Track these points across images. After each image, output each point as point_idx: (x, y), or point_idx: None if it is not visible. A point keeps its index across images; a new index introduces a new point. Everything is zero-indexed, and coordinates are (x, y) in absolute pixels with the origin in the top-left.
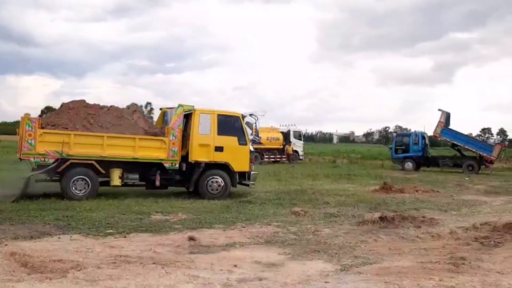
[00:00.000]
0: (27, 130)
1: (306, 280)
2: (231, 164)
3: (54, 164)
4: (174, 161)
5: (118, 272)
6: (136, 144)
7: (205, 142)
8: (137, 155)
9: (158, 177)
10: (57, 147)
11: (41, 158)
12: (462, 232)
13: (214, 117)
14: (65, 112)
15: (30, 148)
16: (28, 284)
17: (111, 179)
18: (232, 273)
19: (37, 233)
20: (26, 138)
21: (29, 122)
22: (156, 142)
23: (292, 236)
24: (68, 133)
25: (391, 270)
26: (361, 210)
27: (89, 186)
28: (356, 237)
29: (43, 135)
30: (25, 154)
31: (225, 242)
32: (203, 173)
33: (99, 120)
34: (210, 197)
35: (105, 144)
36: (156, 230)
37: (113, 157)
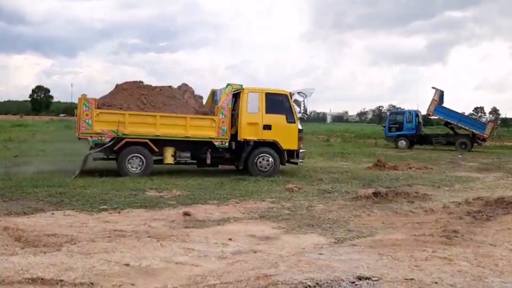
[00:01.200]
0: (84, 110)
1: (300, 252)
2: (279, 142)
3: (110, 143)
4: (223, 139)
5: (112, 245)
6: (187, 123)
7: (253, 121)
8: (188, 134)
9: (208, 155)
10: (112, 127)
11: (98, 137)
12: (455, 206)
13: (262, 95)
14: (119, 93)
15: (88, 128)
16: (22, 257)
17: (164, 157)
18: (227, 246)
19: (30, 209)
20: (84, 118)
21: (86, 103)
22: (206, 121)
23: (286, 211)
24: (123, 113)
25: (384, 243)
26: (355, 186)
27: (143, 163)
28: (350, 212)
29: (99, 115)
30: (83, 134)
31: (219, 217)
32: (252, 151)
33: (152, 100)
34: (260, 175)
35: (158, 123)
36: (151, 206)
37: (165, 136)
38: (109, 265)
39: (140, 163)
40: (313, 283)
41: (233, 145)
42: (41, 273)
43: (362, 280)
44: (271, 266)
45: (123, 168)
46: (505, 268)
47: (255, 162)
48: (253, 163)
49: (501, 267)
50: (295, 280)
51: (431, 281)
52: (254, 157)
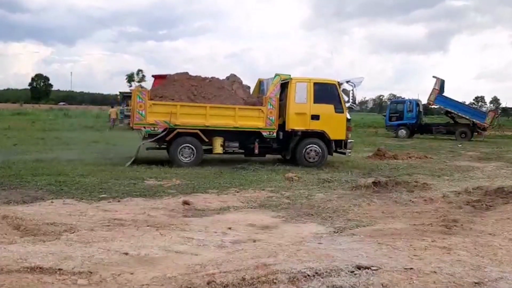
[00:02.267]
0: (138, 102)
1: (299, 241)
2: (327, 132)
3: (163, 133)
4: (271, 129)
5: (112, 234)
6: (236, 114)
7: (301, 111)
8: (237, 124)
9: (256, 145)
10: (165, 118)
11: (151, 127)
12: (455, 196)
13: (310, 85)
14: (171, 84)
15: (141, 119)
16: (21, 246)
17: (213, 147)
18: (226, 235)
19: (29, 197)
20: (138, 109)
21: (139, 94)
22: (255, 111)
23: (285, 200)
24: (175, 104)
25: (384, 232)
26: (355, 175)
27: (194, 153)
28: (350, 201)
29: (152, 106)
30: (136, 124)
31: (219, 206)
32: (299, 141)
33: (202, 91)
34: (308, 165)
35: (208, 114)
36: (150, 195)
37: (215, 126)
38: (108, 254)
39: (191, 153)
40: (312, 273)
41: (280, 135)
42: (40, 262)
43: (361, 270)
44: (270, 255)
45: (175, 158)
46: (504, 257)
47: (303, 152)
48: (301, 154)
49: (500, 257)
50: (294, 269)
51: (430, 271)
52: (302, 148)
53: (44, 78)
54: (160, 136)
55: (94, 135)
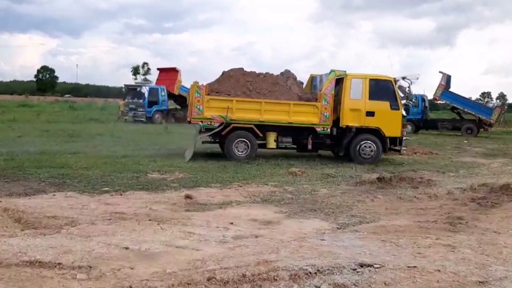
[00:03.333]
0: (196, 97)
1: (302, 237)
2: (382, 129)
3: (219, 128)
4: (325, 125)
5: (113, 228)
6: (291, 109)
7: (356, 107)
8: (291, 119)
9: (310, 141)
10: (221, 112)
11: (208, 122)
12: (460, 193)
13: (366, 81)
14: (226, 80)
15: (199, 113)
16: (21, 239)
17: (267, 142)
18: (228, 230)
19: (31, 190)
20: (195, 104)
21: (197, 90)
22: (309, 107)
23: (289, 195)
24: (231, 99)
25: (388, 229)
26: (359, 171)
27: (248, 148)
28: (353, 197)
29: (209, 101)
30: (194, 119)
31: (221, 201)
32: (354, 138)
33: (257, 86)
34: (362, 162)
35: (262, 109)
36: (153, 188)
37: (269, 122)
38: (108, 248)
39: (245, 147)
40: (314, 270)
41: (334, 131)
42: (40, 255)
43: (364, 268)
44: (272, 251)
45: (230, 152)
46: (509, 256)
47: (358, 149)
48: (355, 150)
49: (505, 255)
50: (296, 266)
51: (434, 269)
52: (356, 144)
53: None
54: (217, 131)
55: (99, 127)
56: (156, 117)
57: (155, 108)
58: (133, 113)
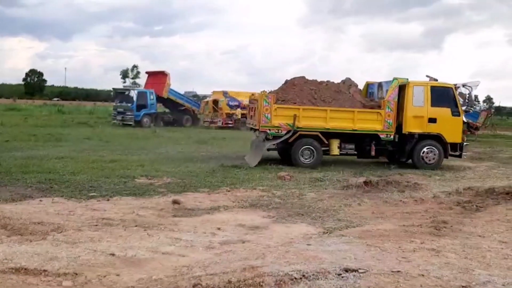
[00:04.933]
0: (264, 106)
1: (289, 242)
2: (443, 135)
3: (287, 135)
4: (389, 132)
5: (99, 234)
6: (355, 117)
7: (418, 114)
8: (355, 126)
9: (373, 147)
10: (288, 120)
11: (275, 130)
12: (445, 196)
13: (427, 89)
14: (290, 88)
15: (267, 121)
16: (7, 246)
17: (330, 149)
18: (215, 236)
19: (18, 195)
20: (264, 113)
21: (266, 98)
22: (373, 114)
23: (277, 200)
24: (298, 108)
25: (373, 233)
26: (347, 175)
27: (314, 155)
28: (340, 201)
29: (277, 109)
30: (263, 127)
31: (209, 206)
32: (416, 144)
33: (321, 94)
34: (425, 168)
35: (328, 117)
36: (140, 194)
37: (335, 129)
38: (95, 255)
39: (311, 154)
40: (299, 275)
41: (395, 138)
42: (25, 262)
43: (348, 272)
44: (258, 257)
45: (296, 159)
46: (492, 260)
47: (421, 155)
48: (418, 156)
49: (488, 259)
50: (282, 271)
51: (417, 274)
52: (419, 150)
53: (38, 73)
54: (284, 138)
55: (87, 131)
56: (145, 121)
57: (143, 111)
58: (122, 117)
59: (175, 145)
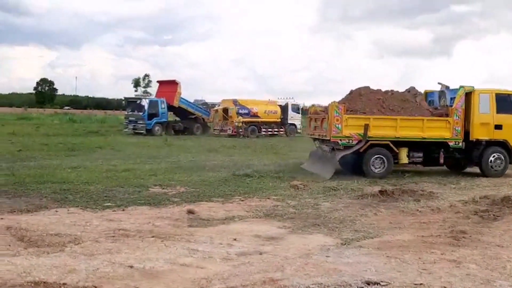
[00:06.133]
0: (335, 116)
1: (307, 254)
2: (509, 142)
3: (358, 146)
4: (457, 139)
5: (116, 245)
6: (424, 125)
7: (485, 121)
8: (424, 135)
9: (441, 155)
10: (357, 130)
11: (346, 140)
12: (462, 205)
13: (492, 96)
14: (357, 98)
15: (338, 132)
16: (25, 258)
17: (399, 158)
18: (231, 247)
19: (33, 206)
20: (335, 123)
21: (336, 109)
22: (442, 122)
23: (291, 209)
24: (368, 117)
25: (392, 244)
26: (361, 183)
27: (385, 164)
28: (356, 210)
29: (347, 119)
30: (334, 137)
31: (224, 216)
32: (483, 151)
33: (389, 104)
34: (493, 175)
35: (398, 126)
36: (155, 203)
37: (404, 138)
38: (113, 267)
39: (381, 164)
40: None
41: (462, 145)
42: (44, 275)
43: (370, 285)
44: (277, 269)
45: (368, 169)
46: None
47: (488, 161)
48: (487, 163)
49: (509, 270)
50: (302, 284)
51: (440, 286)
52: (487, 157)
53: (49, 82)
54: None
55: (99, 140)
56: (156, 129)
57: (155, 120)
58: (133, 126)
59: (187, 153)
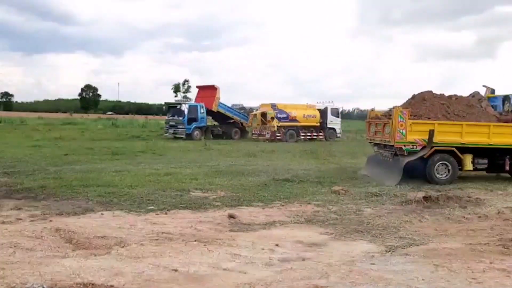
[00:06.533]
0: (399, 121)
1: (350, 261)
2: None
3: (422, 151)
4: None
5: (161, 249)
6: (490, 131)
7: None
8: (491, 141)
9: (507, 162)
10: (422, 136)
11: (411, 146)
12: (510, 212)
13: None
14: (420, 103)
15: (402, 137)
16: (74, 260)
17: (464, 164)
18: (274, 252)
19: (80, 209)
20: (399, 128)
21: (401, 114)
22: (509, 128)
23: (333, 215)
24: (433, 123)
25: (439, 252)
26: (404, 189)
27: (450, 171)
28: (400, 217)
29: (412, 125)
30: (398, 143)
31: (264, 221)
32: None
33: (454, 109)
34: None
35: (463, 132)
36: (196, 207)
37: (470, 144)
38: (158, 270)
39: (445, 170)
40: None
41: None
42: (92, 277)
43: None
44: (321, 276)
45: (432, 175)
46: None
47: None
48: None
49: None
50: None
51: None
52: None
53: (93, 88)
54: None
55: (141, 144)
56: (195, 134)
57: (194, 125)
58: (173, 130)
59: (226, 158)
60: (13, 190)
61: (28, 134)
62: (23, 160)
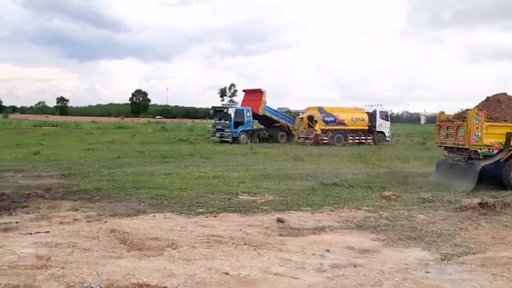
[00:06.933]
0: (475, 124)
1: (404, 269)
2: None
3: (500, 155)
4: None
5: (211, 252)
6: None
7: None
8: None
9: None
10: (498, 139)
11: (486, 149)
12: None
13: None
14: (495, 105)
15: (478, 140)
16: (128, 261)
17: None
18: (324, 258)
19: (133, 211)
20: (474, 131)
21: (476, 116)
22: None
23: (384, 221)
24: (510, 125)
25: (497, 261)
26: (458, 195)
27: None
28: (455, 224)
29: (487, 128)
30: (473, 146)
31: (314, 226)
32: None
33: None
34: None
35: None
36: (245, 211)
37: None
38: (210, 273)
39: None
40: None
41: None
42: (146, 278)
43: None
44: (375, 283)
45: (508, 179)
46: None
47: None
48: None
49: None
50: None
51: None
52: None
53: (143, 93)
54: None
55: (189, 147)
56: (242, 138)
57: (240, 128)
58: (220, 134)
59: (272, 161)
60: (69, 191)
61: (82, 138)
62: (78, 163)
